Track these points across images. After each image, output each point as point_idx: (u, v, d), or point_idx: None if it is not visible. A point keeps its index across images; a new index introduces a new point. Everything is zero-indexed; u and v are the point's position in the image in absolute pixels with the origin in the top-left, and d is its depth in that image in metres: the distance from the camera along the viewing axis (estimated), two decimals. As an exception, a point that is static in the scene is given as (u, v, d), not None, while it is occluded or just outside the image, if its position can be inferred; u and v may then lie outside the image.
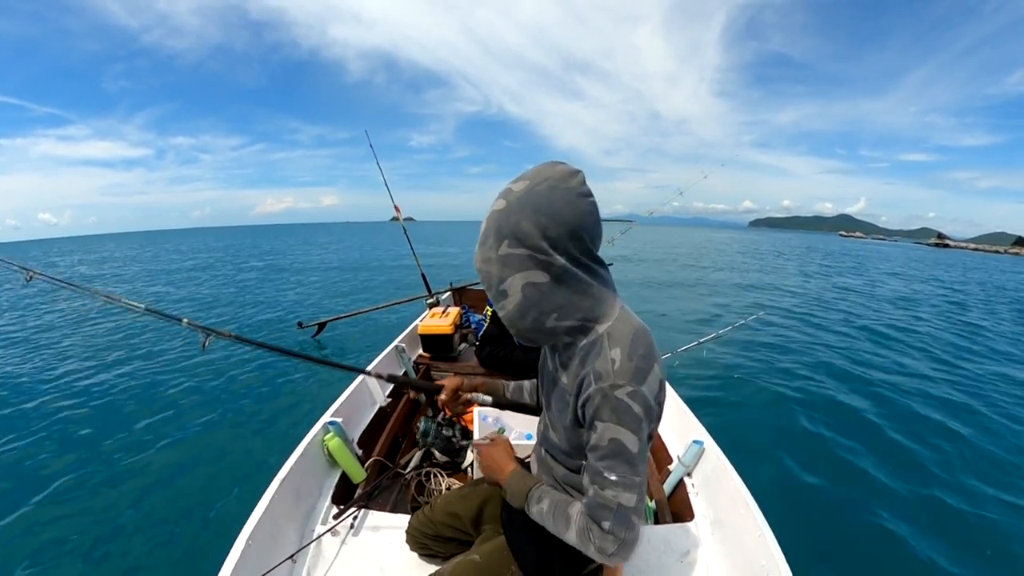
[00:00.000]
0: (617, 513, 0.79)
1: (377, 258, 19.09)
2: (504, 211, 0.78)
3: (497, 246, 0.79)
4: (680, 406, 2.12)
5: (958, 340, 7.00)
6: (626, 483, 0.79)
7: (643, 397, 0.78)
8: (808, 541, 2.35)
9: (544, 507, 0.91)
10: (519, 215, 0.77)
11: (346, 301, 8.90)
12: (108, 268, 18.21)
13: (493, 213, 0.80)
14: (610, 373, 0.77)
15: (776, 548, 1.24)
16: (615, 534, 0.79)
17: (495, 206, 0.80)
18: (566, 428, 0.90)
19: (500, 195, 0.80)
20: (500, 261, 0.80)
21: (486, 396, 1.21)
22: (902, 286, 13.78)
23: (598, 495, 0.80)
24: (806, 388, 4.59)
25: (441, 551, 1.27)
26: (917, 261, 29.03)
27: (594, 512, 0.81)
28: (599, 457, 0.80)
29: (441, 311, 3.20)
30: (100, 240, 79.51)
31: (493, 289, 0.83)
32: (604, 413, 0.78)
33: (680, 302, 8.71)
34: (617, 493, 0.79)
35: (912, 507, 2.75)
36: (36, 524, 2.44)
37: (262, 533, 1.28)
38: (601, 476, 0.80)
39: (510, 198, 0.78)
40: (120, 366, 4.83)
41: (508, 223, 0.78)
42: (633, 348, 0.79)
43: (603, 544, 0.80)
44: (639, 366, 0.78)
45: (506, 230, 0.78)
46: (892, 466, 3.17)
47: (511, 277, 0.80)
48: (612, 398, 0.77)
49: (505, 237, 0.78)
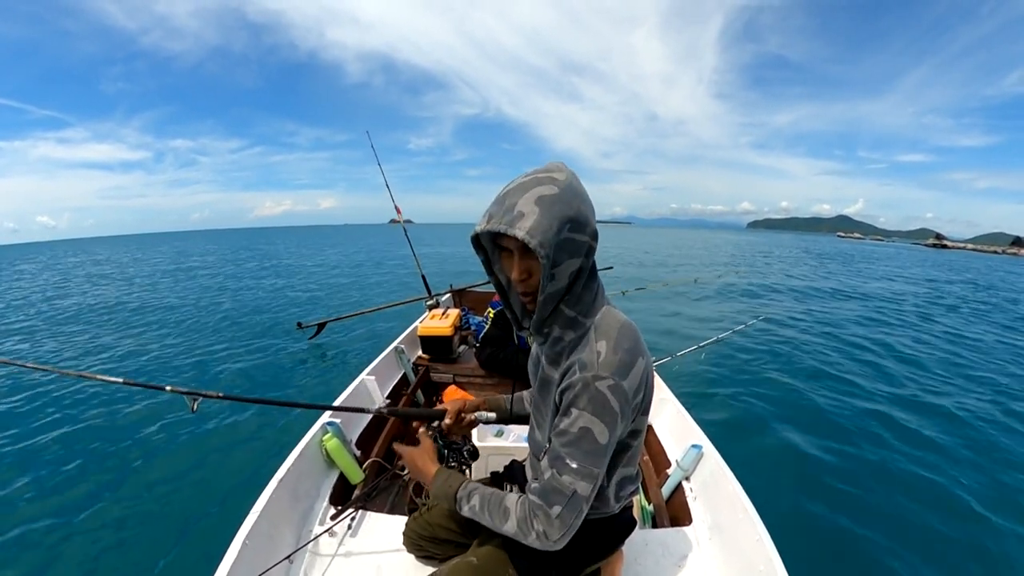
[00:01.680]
0: (571, 500, 0.79)
1: (377, 260, 19.11)
2: (559, 196, 0.75)
3: (559, 229, 0.75)
4: (679, 410, 2.11)
5: (962, 344, 7.00)
6: (585, 472, 0.80)
7: (623, 392, 0.79)
8: (806, 546, 2.34)
9: (476, 504, 0.91)
10: (577, 201, 0.77)
11: (346, 301, 8.90)
12: (106, 268, 18.23)
13: (545, 197, 0.74)
14: (595, 364, 0.79)
15: (774, 553, 1.24)
16: (563, 520, 0.80)
17: (541, 190, 0.75)
18: (549, 422, 0.91)
19: (540, 181, 0.76)
20: (558, 245, 0.76)
21: (489, 413, 1.21)
22: (896, 286, 13.76)
23: (555, 479, 0.81)
24: (805, 393, 4.58)
25: (438, 553, 1.27)
26: (915, 262, 28.99)
27: (546, 496, 0.81)
28: (564, 443, 0.80)
29: (441, 313, 3.20)
30: (94, 244, 78.82)
31: (544, 272, 0.77)
32: (581, 401, 0.79)
33: (680, 306, 8.72)
34: (574, 480, 0.79)
35: (910, 512, 2.74)
36: (30, 532, 2.44)
37: (259, 533, 1.28)
38: (562, 461, 0.80)
39: (559, 184, 0.76)
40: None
41: (570, 207, 0.76)
42: (619, 342, 0.80)
43: (548, 529, 0.80)
44: (623, 360, 0.79)
45: (569, 214, 0.75)
46: (890, 471, 3.16)
47: (566, 262, 0.79)
48: (592, 388, 0.78)
49: (567, 221, 0.75)
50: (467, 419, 1.20)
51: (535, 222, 0.73)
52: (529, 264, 0.81)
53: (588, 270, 0.84)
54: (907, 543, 2.46)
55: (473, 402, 1.22)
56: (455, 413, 1.19)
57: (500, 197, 0.79)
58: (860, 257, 32.70)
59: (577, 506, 0.80)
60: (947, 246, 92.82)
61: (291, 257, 21.36)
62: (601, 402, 0.78)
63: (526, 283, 0.82)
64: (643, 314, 7.41)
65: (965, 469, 3.27)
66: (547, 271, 0.76)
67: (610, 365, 0.78)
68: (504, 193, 0.78)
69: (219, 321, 7.35)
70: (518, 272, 0.81)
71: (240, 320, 7.45)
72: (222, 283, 12.04)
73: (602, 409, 0.78)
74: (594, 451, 0.79)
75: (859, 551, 2.40)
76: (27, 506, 2.59)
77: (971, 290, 14.83)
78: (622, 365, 0.79)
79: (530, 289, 0.83)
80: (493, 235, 0.81)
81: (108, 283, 13.12)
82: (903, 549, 2.41)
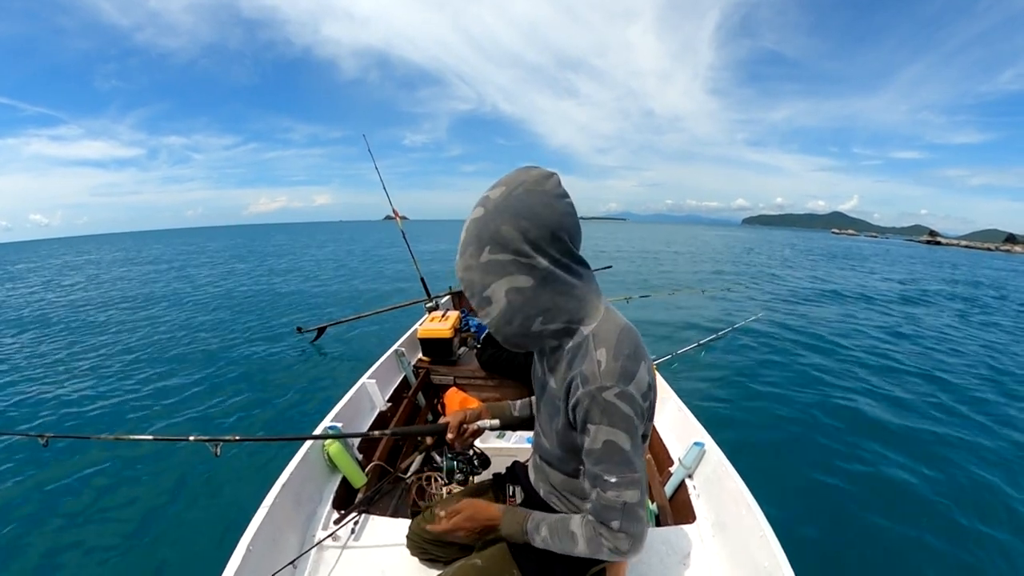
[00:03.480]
0: (624, 512, 0.80)
1: (375, 260, 19.10)
2: (483, 218, 0.79)
3: (478, 253, 0.79)
4: (680, 408, 2.12)
5: (965, 339, 7.02)
6: (626, 482, 0.80)
7: (631, 397, 0.78)
8: (811, 542, 2.35)
9: (545, 533, 0.91)
10: (499, 220, 0.77)
11: (346, 304, 8.89)
12: (95, 268, 18.16)
13: (472, 221, 0.80)
14: (596, 376, 0.78)
15: (779, 549, 1.23)
16: (626, 531, 0.81)
17: (473, 214, 0.80)
18: (558, 433, 0.91)
19: (478, 203, 0.81)
20: (482, 268, 0.80)
21: (493, 420, 1.20)
22: (886, 283, 13.81)
23: (601, 498, 0.81)
24: (805, 387, 4.59)
25: (442, 555, 1.27)
26: (909, 259, 29.07)
27: (601, 515, 0.82)
28: (595, 461, 0.81)
29: (440, 315, 3.20)
30: (86, 241, 78.10)
31: (476, 297, 0.83)
32: (594, 415, 0.78)
33: (678, 304, 8.73)
34: (620, 493, 0.80)
35: (914, 504, 2.75)
36: (44, 534, 2.43)
37: (263, 539, 1.28)
38: (601, 480, 0.81)
39: (488, 205, 0.78)
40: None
41: (488, 229, 0.78)
42: (619, 348, 0.79)
43: (616, 544, 0.82)
44: (625, 366, 0.78)
45: (486, 236, 0.78)
46: (894, 465, 3.17)
47: (494, 283, 0.80)
48: (600, 400, 0.77)
49: (486, 243, 0.78)
50: (469, 429, 1.19)
51: (461, 250, 0.82)
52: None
53: (550, 279, 0.80)
54: (912, 534, 2.47)
55: (473, 411, 1.21)
56: (456, 426, 1.17)
57: None
58: (851, 253, 32.75)
59: (634, 514, 0.81)
60: (940, 243, 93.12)
61: (286, 257, 21.29)
62: (612, 411, 0.77)
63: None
64: (640, 312, 7.41)
65: (971, 458, 3.29)
66: (477, 296, 0.83)
67: (612, 373, 0.77)
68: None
69: (215, 324, 7.33)
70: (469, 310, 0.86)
71: (235, 325, 7.41)
72: (217, 285, 12.00)
73: (616, 418, 0.78)
74: (624, 459, 0.79)
75: (865, 546, 2.40)
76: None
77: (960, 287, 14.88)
78: (624, 372, 0.78)
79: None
80: None
81: (96, 286, 13.07)
82: (909, 541, 2.42)
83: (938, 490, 2.91)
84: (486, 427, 1.19)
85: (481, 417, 1.20)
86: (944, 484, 2.98)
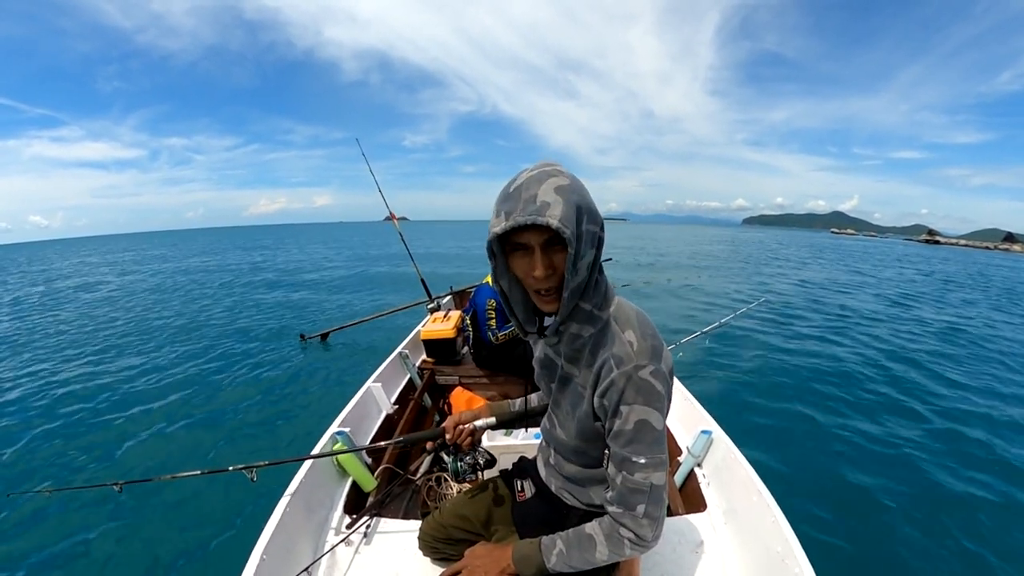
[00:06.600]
0: (651, 494, 0.80)
1: (374, 262, 19.08)
2: (572, 186, 0.71)
3: (579, 221, 0.71)
4: (687, 397, 2.11)
5: (967, 337, 7.00)
6: (656, 462, 0.80)
7: (663, 375, 0.79)
8: (822, 526, 2.34)
9: (561, 547, 0.90)
10: (583, 191, 0.73)
11: (346, 307, 8.89)
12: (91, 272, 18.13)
13: (562, 187, 0.70)
14: (631, 355, 0.78)
15: (791, 534, 1.23)
16: (650, 516, 0.80)
17: (558, 181, 0.71)
18: (579, 420, 0.90)
19: (549, 174, 0.72)
20: (579, 237, 0.72)
21: (489, 419, 1.20)
22: (885, 281, 13.76)
23: (628, 481, 0.81)
24: (808, 374, 4.59)
25: (454, 554, 1.27)
26: (907, 257, 28.91)
27: (625, 500, 0.81)
28: (624, 443, 0.80)
29: (442, 315, 3.20)
30: (85, 243, 77.05)
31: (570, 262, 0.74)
32: (629, 395, 0.78)
33: (679, 294, 8.72)
34: (648, 475, 0.80)
35: (922, 489, 2.75)
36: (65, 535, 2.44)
37: (276, 546, 1.28)
38: (629, 462, 0.80)
39: (568, 175, 0.73)
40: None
41: (583, 198, 0.72)
42: (643, 328, 0.81)
43: (639, 531, 0.81)
44: (654, 345, 0.80)
45: (584, 206, 0.72)
46: (901, 449, 3.17)
47: (587, 254, 0.75)
48: (636, 379, 0.77)
49: (585, 211, 0.72)
50: (466, 430, 1.18)
51: (563, 211, 0.68)
52: (552, 258, 0.75)
53: (599, 262, 0.82)
54: (921, 518, 2.46)
55: (471, 411, 1.21)
56: (452, 428, 1.17)
57: (511, 193, 0.72)
58: (850, 252, 32.51)
59: (659, 497, 0.81)
60: (939, 242, 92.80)
61: (285, 261, 21.25)
62: (648, 390, 0.78)
63: (550, 279, 0.77)
64: (642, 302, 7.41)
65: (977, 447, 3.28)
66: (571, 264, 0.72)
67: (645, 352, 0.78)
68: (515, 188, 0.72)
69: (217, 337, 7.32)
70: (543, 268, 0.74)
71: (237, 335, 7.41)
72: (214, 293, 11.98)
73: (650, 396, 0.78)
74: (655, 439, 0.80)
75: (876, 529, 2.40)
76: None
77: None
78: (655, 350, 0.79)
79: (552, 285, 0.78)
80: (506, 235, 0.75)
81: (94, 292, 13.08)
82: (917, 525, 2.42)
83: (946, 474, 2.91)
84: (483, 426, 1.19)
85: (479, 416, 1.20)
86: (954, 469, 2.98)
